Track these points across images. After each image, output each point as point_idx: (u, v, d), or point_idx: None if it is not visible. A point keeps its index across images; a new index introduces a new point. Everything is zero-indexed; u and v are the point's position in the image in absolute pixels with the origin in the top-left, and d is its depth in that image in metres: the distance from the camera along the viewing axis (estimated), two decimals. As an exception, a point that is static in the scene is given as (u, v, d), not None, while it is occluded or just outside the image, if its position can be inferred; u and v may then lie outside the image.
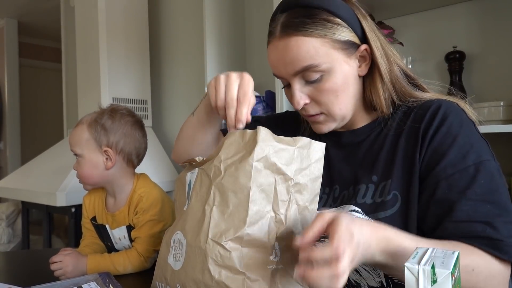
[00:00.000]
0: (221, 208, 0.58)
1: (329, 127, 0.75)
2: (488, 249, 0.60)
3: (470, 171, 0.64)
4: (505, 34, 1.48)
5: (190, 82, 2.54)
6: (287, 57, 0.70)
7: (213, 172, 0.61)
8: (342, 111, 0.73)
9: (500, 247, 0.60)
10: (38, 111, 4.92)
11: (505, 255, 0.60)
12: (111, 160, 0.99)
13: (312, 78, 0.70)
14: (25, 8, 4.05)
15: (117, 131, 1.00)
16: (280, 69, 0.72)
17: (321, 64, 0.69)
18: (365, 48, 0.73)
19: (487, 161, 0.65)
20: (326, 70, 0.69)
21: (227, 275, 0.54)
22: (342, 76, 0.71)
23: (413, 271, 0.43)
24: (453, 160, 0.65)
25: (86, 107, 2.47)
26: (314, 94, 0.71)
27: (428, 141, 0.67)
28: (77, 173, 1.01)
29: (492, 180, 0.64)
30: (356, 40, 0.72)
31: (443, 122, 0.67)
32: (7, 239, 3.12)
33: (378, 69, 0.73)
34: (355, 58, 0.72)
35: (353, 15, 0.72)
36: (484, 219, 0.61)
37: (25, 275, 0.97)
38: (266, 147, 0.57)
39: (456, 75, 1.51)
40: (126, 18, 2.47)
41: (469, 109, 0.71)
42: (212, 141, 0.83)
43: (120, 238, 1.04)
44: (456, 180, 0.64)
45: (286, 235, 0.58)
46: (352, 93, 0.73)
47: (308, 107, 0.73)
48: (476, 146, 0.66)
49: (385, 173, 0.70)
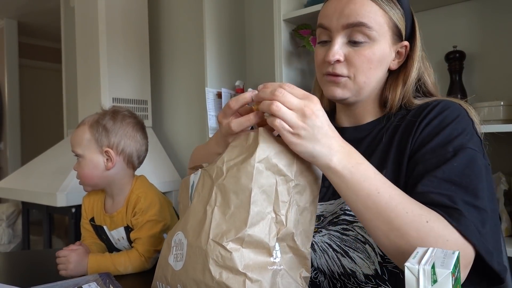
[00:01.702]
0: (222, 208, 0.58)
1: (344, 94, 0.74)
2: (443, 215, 0.57)
3: (448, 156, 0.64)
4: (505, 33, 1.48)
5: (190, 82, 2.54)
6: (347, 8, 0.71)
7: (215, 173, 0.61)
8: (366, 84, 0.73)
9: (455, 216, 0.57)
10: (38, 111, 4.93)
11: (458, 224, 0.56)
12: (111, 161, 0.99)
13: (358, 39, 0.71)
14: (25, 9, 4.05)
15: (118, 132, 1.00)
16: (332, 19, 0.72)
17: (373, 29, 0.70)
18: (405, 45, 0.76)
19: (471, 150, 0.64)
20: (372, 37, 0.71)
21: (228, 275, 0.54)
22: (381, 53, 0.72)
23: (413, 271, 0.43)
24: (434, 147, 0.65)
25: (86, 107, 2.47)
26: (351, 55, 0.72)
27: (420, 131, 0.69)
28: (77, 174, 1.02)
29: (469, 166, 0.62)
30: (403, 32, 0.75)
31: (437, 116, 0.69)
32: (8, 240, 3.12)
33: (408, 72, 0.76)
34: (395, 49, 0.75)
35: (409, 10, 0.76)
36: (443, 192, 0.60)
37: (25, 276, 0.97)
38: (267, 149, 0.58)
39: (456, 74, 1.51)
40: (126, 18, 2.47)
41: (472, 111, 0.71)
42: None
43: (119, 238, 1.04)
44: (432, 164, 0.64)
45: (286, 236, 0.58)
46: (379, 76, 0.75)
47: (338, 65, 0.72)
48: (463, 137, 0.65)
49: (381, 165, 0.71)
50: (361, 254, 0.69)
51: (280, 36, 1.73)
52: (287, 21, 1.75)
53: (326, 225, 0.74)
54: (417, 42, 0.77)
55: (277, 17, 1.74)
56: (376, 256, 0.68)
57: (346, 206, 0.72)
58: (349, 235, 0.70)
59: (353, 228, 0.70)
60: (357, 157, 0.59)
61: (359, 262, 0.70)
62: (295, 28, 1.76)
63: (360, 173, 0.57)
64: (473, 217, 0.58)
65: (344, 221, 0.71)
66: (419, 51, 0.77)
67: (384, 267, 0.68)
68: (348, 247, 0.71)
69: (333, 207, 0.75)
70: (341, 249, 0.71)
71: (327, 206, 0.76)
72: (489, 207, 0.61)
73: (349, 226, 0.70)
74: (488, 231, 0.59)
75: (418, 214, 0.56)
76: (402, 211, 0.56)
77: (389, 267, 0.67)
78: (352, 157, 0.58)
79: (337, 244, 0.72)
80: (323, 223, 0.75)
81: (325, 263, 0.74)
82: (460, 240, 0.56)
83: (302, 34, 1.74)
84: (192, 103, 2.54)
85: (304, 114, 0.55)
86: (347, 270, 0.71)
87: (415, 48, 0.76)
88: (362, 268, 0.69)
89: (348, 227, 0.71)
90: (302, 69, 1.83)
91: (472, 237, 0.56)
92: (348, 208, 0.71)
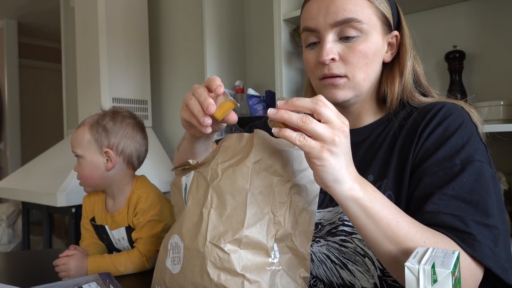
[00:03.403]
0: (219, 210, 0.57)
1: (346, 95, 0.71)
2: (456, 240, 0.56)
3: (456, 169, 0.62)
4: (505, 33, 1.48)
5: (190, 82, 2.54)
6: (332, 5, 0.68)
7: (210, 175, 0.60)
8: (365, 81, 0.71)
9: (469, 241, 0.56)
10: (38, 111, 4.92)
11: (473, 250, 0.55)
12: (111, 161, 0.99)
13: (349, 34, 0.68)
14: (25, 9, 4.05)
15: (118, 133, 1.00)
16: (318, 19, 0.69)
17: (363, 22, 0.68)
18: (396, 35, 0.73)
19: (478, 162, 0.62)
20: (364, 31, 0.68)
21: (226, 277, 0.54)
22: (375, 46, 0.70)
23: (414, 271, 0.43)
24: (440, 159, 0.63)
25: (86, 108, 2.47)
26: (345, 52, 0.69)
27: (423, 140, 0.66)
28: (78, 175, 1.02)
29: (477, 180, 0.61)
30: (391, 22, 0.73)
31: (441, 123, 0.66)
32: (8, 240, 3.12)
33: (402, 62, 0.73)
34: (386, 40, 0.73)
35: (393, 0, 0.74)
36: (454, 213, 0.58)
37: (25, 276, 0.98)
38: (263, 149, 0.57)
39: (456, 74, 1.51)
40: (126, 18, 2.47)
41: (474, 113, 0.69)
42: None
43: (120, 239, 1.04)
44: (439, 177, 0.62)
45: (285, 236, 0.58)
46: (376, 71, 0.73)
47: (334, 65, 0.69)
48: (470, 147, 0.63)
49: (381, 173, 0.69)
50: (360, 267, 0.68)
51: (280, 36, 1.73)
52: (287, 21, 1.74)
53: (325, 235, 0.72)
54: (405, 30, 0.74)
55: (277, 17, 1.74)
56: (376, 270, 0.66)
57: (345, 216, 0.69)
58: (348, 247, 0.68)
59: (352, 240, 0.68)
60: (370, 184, 0.56)
61: (358, 275, 0.68)
62: (295, 28, 1.76)
63: (378, 201, 0.55)
64: (485, 237, 0.57)
65: (343, 232, 0.69)
66: (409, 39, 0.74)
67: (383, 281, 0.67)
68: (347, 259, 0.69)
69: (331, 215, 0.72)
70: (340, 261, 0.70)
71: (325, 213, 0.74)
72: (499, 221, 0.60)
73: (348, 237, 0.69)
74: (501, 249, 0.59)
75: (434, 242, 0.55)
76: (420, 240, 0.54)
77: (388, 281, 0.66)
78: (367, 184, 0.55)
79: (335, 256, 0.70)
80: (321, 232, 0.73)
81: (323, 273, 0.73)
82: (473, 265, 0.56)
83: (302, 34, 1.74)
84: (192, 103, 2.53)
85: (343, 130, 0.51)
86: (346, 282, 0.70)
87: (405, 36, 0.74)
88: (361, 281, 0.68)
89: (347, 239, 0.69)
90: (302, 69, 1.83)
91: (488, 261, 0.56)
92: (346, 219, 0.69)
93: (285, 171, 0.58)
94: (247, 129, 0.94)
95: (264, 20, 2.22)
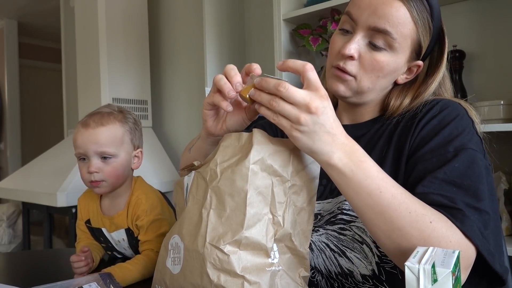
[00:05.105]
0: (218, 211, 0.57)
1: (346, 92, 0.73)
2: (446, 215, 0.56)
3: (448, 156, 0.63)
4: (505, 33, 1.48)
5: (190, 82, 2.54)
6: (381, 10, 0.68)
7: (209, 175, 0.60)
8: (369, 90, 0.72)
9: (458, 216, 0.56)
10: (38, 111, 4.93)
11: (462, 225, 0.55)
12: (139, 160, 0.99)
13: (378, 44, 0.69)
14: (25, 9, 4.05)
15: (138, 131, 1.01)
16: (362, 14, 0.69)
17: (396, 40, 0.68)
18: (419, 65, 0.74)
19: (472, 150, 0.63)
20: (392, 48, 0.69)
21: (226, 278, 0.54)
22: (394, 65, 0.71)
23: (414, 270, 0.43)
24: (434, 147, 0.65)
25: (86, 107, 2.47)
26: (366, 57, 0.70)
27: (419, 131, 0.68)
28: (104, 175, 0.94)
29: (470, 167, 0.61)
30: (422, 52, 0.73)
31: (436, 115, 0.68)
32: (8, 240, 3.12)
33: (423, 90, 0.74)
34: (408, 65, 0.73)
35: (438, 31, 0.74)
36: (444, 194, 0.59)
37: (25, 276, 0.98)
38: (262, 150, 0.57)
39: (456, 74, 1.51)
40: (126, 18, 2.47)
41: (472, 110, 0.70)
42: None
43: (120, 240, 1.03)
44: (432, 163, 0.63)
45: (284, 236, 0.58)
46: (385, 86, 0.74)
47: (350, 62, 0.71)
48: (464, 137, 0.64)
49: (379, 164, 0.70)
50: (359, 254, 0.69)
51: (280, 36, 1.73)
52: (287, 21, 1.75)
53: (324, 224, 0.74)
54: (443, 66, 0.75)
55: (277, 16, 1.74)
56: (374, 257, 0.68)
57: (344, 205, 0.71)
58: (346, 235, 0.70)
59: (351, 228, 0.70)
60: (360, 155, 0.57)
61: (356, 262, 0.69)
62: (295, 28, 1.76)
63: (361, 171, 0.56)
64: (476, 219, 0.57)
65: (342, 220, 0.71)
66: (441, 73, 0.75)
67: (381, 267, 0.67)
68: (345, 247, 0.70)
69: (330, 205, 0.75)
70: (339, 249, 0.71)
71: (325, 204, 0.76)
72: (490, 209, 0.60)
73: (346, 225, 0.70)
74: (490, 233, 0.58)
75: (421, 214, 0.55)
76: (405, 211, 0.55)
77: (386, 268, 0.67)
78: (354, 155, 0.57)
79: (334, 244, 0.72)
80: (320, 222, 0.74)
81: (322, 262, 0.74)
82: (463, 241, 0.55)
83: (302, 34, 1.74)
84: (192, 103, 2.54)
85: (307, 109, 0.53)
86: (344, 270, 0.71)
87: (439, 70, 0.75)
88: (360, 268, 0.69)
89: (345, 227, 0.70)
90: (302, 69, 1.83)
91: (475, 238, 0.55)
92: (345, 208, 0.71)
93: (284, 171, 0.58)
94: (250, 129, 0.94)
95: (264, 20, 2.22)
